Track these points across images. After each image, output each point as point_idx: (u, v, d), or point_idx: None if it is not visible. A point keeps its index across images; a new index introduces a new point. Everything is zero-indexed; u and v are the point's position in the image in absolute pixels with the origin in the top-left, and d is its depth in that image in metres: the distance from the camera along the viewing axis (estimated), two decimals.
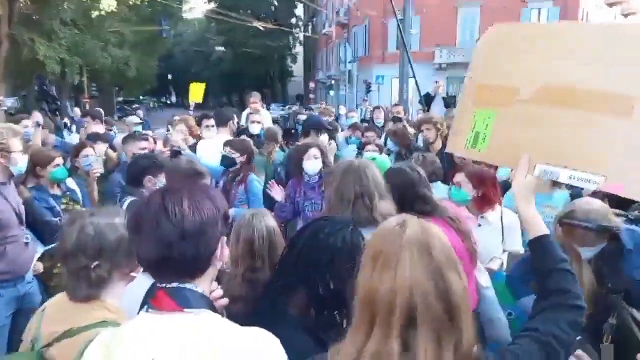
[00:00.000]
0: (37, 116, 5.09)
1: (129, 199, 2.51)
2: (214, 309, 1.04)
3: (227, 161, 3.71)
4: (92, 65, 22.53)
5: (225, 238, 1.07)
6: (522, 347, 0.98)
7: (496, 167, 3.00)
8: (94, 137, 4.58)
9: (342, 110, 15.34)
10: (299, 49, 46.98)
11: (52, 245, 2.99)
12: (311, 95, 35.80)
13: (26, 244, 2.65)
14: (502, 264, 2.53)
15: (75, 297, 1.34)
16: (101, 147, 4.32)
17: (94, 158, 3.73)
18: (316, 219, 1.59)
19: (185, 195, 1.00)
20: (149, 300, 1.03)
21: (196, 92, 7.71)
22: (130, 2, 14.34)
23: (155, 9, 26.51)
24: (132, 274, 1.39)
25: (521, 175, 1.21)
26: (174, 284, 1.00)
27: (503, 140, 1.19)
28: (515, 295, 2.25)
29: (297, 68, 47.90)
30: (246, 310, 1.64)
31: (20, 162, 2.61)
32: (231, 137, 4.46)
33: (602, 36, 1.16)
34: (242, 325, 1.11)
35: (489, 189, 2.62)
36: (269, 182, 3.75)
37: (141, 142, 4.00)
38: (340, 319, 1.53)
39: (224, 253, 1.07)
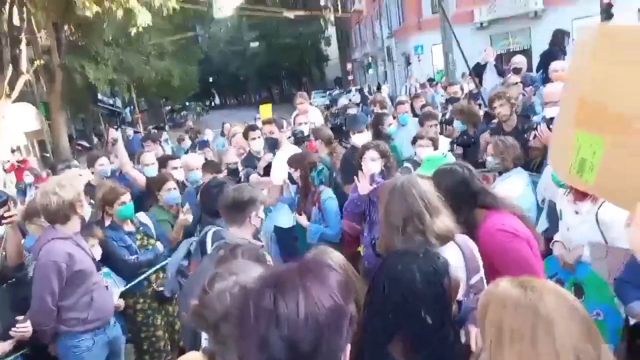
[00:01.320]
0: (113, 133, 4.38)
1: (211, 229, 2.45)
2: None
3: (290, 179, 3.42)
4: (138, 80, 23.48)
5: (349, 347, 0.86)
6: None
7: None
8: (164, 160, 4.37)
9: (385, 90, 14.87)
10: (331, 31, 46.30)
11: (132, 283, 3.09)
12: (350, 77, 35.17)
13: (106, 287, 2.71)
14: (582, 253, 2.34)
15: None
16: (178, 172, 4.10)
17: (177, 192, 3.59)
18: (388, 256, 1.58)
19: (301, 296, 0.79)
20: None
21: (266, 111, 8.46)
22: (164, 14, 14.78)
23: (187, 14, 27.07)
24: None
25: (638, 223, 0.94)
26: None
27: (616, 175, 0.97)
28: (624, 300, 2.03)
29: (332, 51, 47.25)
30: None
31: (88, 209, 2.63)
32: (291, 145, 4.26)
33: None
34: None
35: None
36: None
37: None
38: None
39: None
